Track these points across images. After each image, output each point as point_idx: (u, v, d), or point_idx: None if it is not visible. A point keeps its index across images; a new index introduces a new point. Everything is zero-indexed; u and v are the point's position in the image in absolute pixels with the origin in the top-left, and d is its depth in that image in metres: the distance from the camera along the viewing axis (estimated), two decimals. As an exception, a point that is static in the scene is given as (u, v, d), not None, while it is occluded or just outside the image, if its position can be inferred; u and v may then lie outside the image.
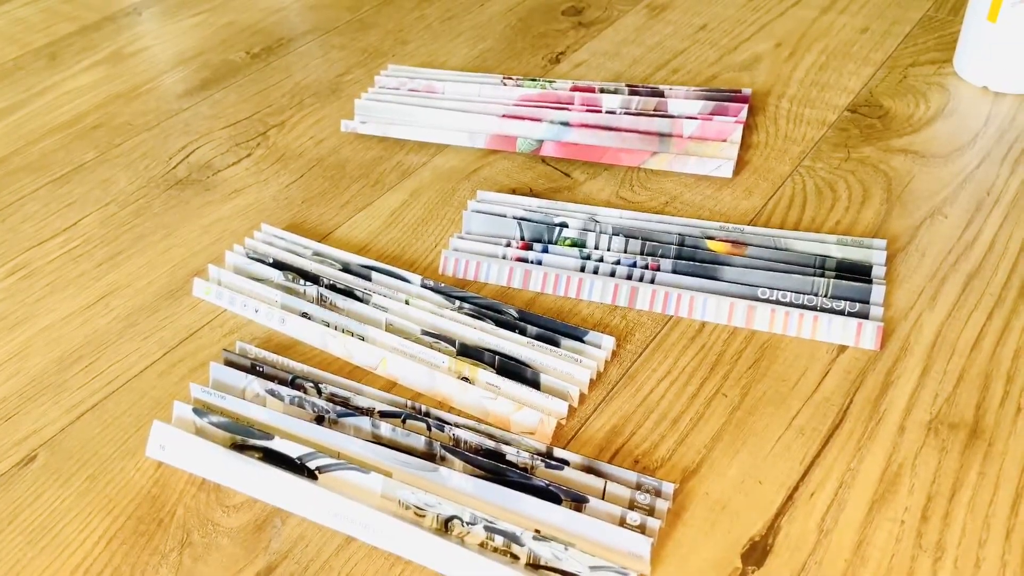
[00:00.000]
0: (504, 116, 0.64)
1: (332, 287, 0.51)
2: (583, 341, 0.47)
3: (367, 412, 0.44)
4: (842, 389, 0.44)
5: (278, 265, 0.52)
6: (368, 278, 0.52)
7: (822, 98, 0.66)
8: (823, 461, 0.41)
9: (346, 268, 0.52)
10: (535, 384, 0.45)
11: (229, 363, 0.47)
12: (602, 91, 0.65)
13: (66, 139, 0.67)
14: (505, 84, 0.67)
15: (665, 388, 0.45)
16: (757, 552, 0.38)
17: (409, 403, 0.44)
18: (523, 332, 0.48)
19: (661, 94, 0.65)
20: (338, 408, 0.43)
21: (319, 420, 0.43)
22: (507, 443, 0.42)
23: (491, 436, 0.42)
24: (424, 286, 0.51)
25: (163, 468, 0.42)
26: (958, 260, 0.51)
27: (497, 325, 0.48)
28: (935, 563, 0.37)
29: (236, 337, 0.49)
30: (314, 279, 0.51)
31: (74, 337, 0.50)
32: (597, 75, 0.71)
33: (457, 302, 0.50)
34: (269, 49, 0.78)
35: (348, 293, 0.50)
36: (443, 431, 0.42)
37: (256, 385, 0.45)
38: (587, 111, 0.64)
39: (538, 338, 0.47)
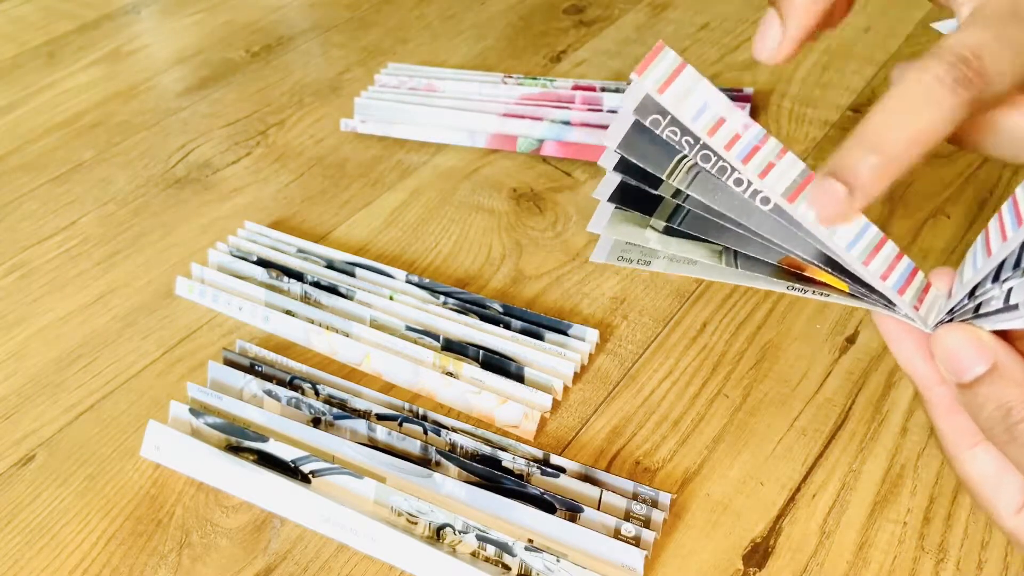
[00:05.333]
0: (504, 115, 0.64)
1: (316, 284, 0.50)
2: (567, 335, 0.47)
3: (364, 415, 0.43)
4: (844, 390, 0.44)
5: (262, 263, 0.52)
6: (352, 274, 0.52)
7: (824, 98, 0.66)
8: (825, 462, 0.41)
9: (330, 265, 0.52)
10: (519, 378, 0.45)
11: (229, 362, 0.47)
12: (603, 90, 0.65)
13: (64, 138, 0.67)
14: (505, 83, 0.67)
15: (667, 389, 0.45)
16: (759, 553, 0.38)
17: (407, 406, 0.44)
18: (508, 326, 0.47)
19: (662, 93, 0.65)
20: (335, 410, 0.43)
21: (315, 422, 0.43)
22: (504, 449, 0.41)
23: (488, 441, 0.42)
24: (409, 281, 0.51)
25: (162, 468, 0.42)
26: (960, 261, 0.51)
27: (482, 320, 0.48)
28: (937, 565, 0.37)
29: (235, 336, 0.49)
30: (298, 276, 0.51)
31: (72, 336, 0.50)
32: (598, 74, 0.71)
33: (442, 297, 0.49)
34: (268, 47, 0.77)
35: (332, 290, 0.50)
36: (440, 435, 0.42)
37: (254, 385, 0.45)
38: (588, 110, 0.63)
39: (522, 332, 0.47)
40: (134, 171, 0.63)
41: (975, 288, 0.26)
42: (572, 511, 0.38)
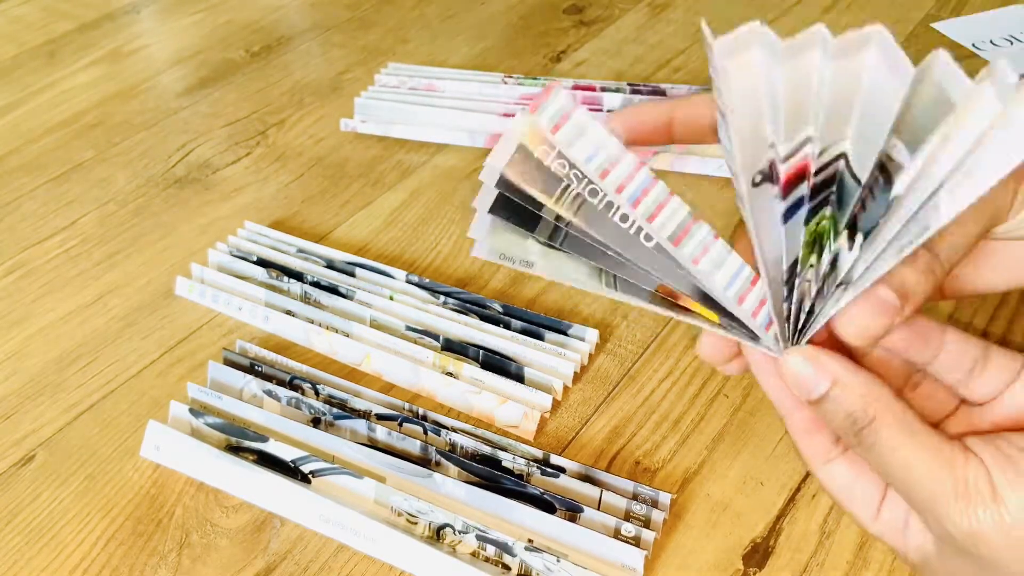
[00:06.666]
0: (505, 115, 0.64)
1: (316, 284, 0.50)
2: (567, 335, 0.47)
3: (364, 415, 0.43)
4: (844, 390, 0.44)
5: (262, 263, 0.52)
6: (352, 274, 0.52)
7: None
8: (825, 462, 0.41)
9: (330, 264, 0.52)
10: (519, 378, 0.45)
11: (229, 362, 0.47)
12: (603, 90, 0.65)
13: (64, 138, 0.67)
14: (506, 83, 0.67)
15: (667, 389, 0.45)
16: (759, 554, 0.38)
17: (407, 406, 0.44)
18: (508, 326, 0.47)
19: (663, 93, 0.65)
20: (335, 410, 0.43)
21: (315, 422, 0.43)
22: (504, 449, 0.41)
23: (488, 441, 0.42)
24: (409, 281, 0.51)
25: (161, 468, 0.42)
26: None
27: (482, 320, 0.48)
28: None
29: (235, 336, 0.49)
30: (298, 276, 0.51)
31: (72, 336, 0.50)
32: (598, 74, 0.71)
33: (442, 297, 0.49)
34: (268, 47, 0.77)
35: (332, 290, 0.50)
36: (440, 435, 0.42)
37: (254, 385, 0.45)
38: (588, 110, 0.63)
39: (522, 332, 0.47)
40: (134, 171, 0.63)
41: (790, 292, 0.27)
42: (572, 511, 0.38)
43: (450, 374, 0.45)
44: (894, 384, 0.30)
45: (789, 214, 0.26)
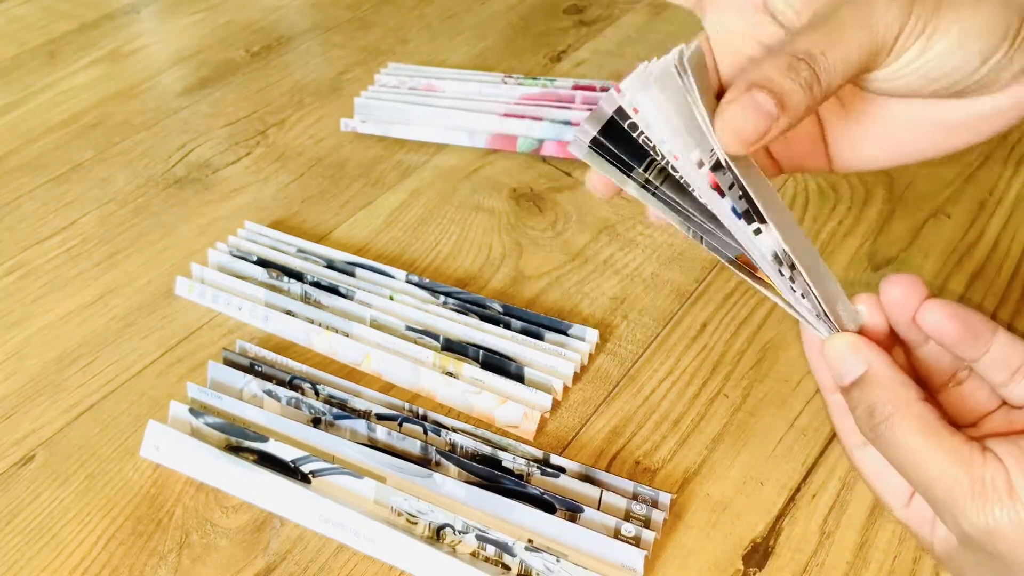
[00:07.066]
0: (505, 115, 0.64)
1: (316, 284, 0.50)
2: (567, 335, 0.47)
3: (364, 415, 0.43)
4: (844, 390, 0.44)
5: (262, 263, 0.52)
6: (352, 274, 0.51)
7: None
8: (825, 462, 0.41)
9: (330, 265, 0.52)
10: (519, 378, 0.45)
11: (229, 362, 0.47)
12: (603, 89, 0.65)
13: (64, 138, 0.67)
14: (506, 83, 0.67)
15: (667, 389, 0.45)
16: (759, 554, 0.38)
17: (407, 406, 0.44)
18: (508, 326, 0.47)
19: (662, 93, 0.65)
20: (335, 410, 0.43)
21: (315, 422, 0.43)
22: (504, 449, 0.41)
23: (488, 441, 0.42)
24: (409, 281, 0.51)
25: (161, 468, 0.42)
26: (961, 260, 0.51)
27: (482, 320, 0.48)
28: (938, 564, 0.37)
29: (236, 336, 0.49)
30: (298, 276, 0.51)
31: (72, 336, 0.50)
32: (598, 74, 0.70)
33: (442, 297, 0.49)
34: (268, 47, 0.77)
35: (332, 290, 0.50)
36: (440, 435, 0.42)
37: (254, 385, 0.45)
38: (588, 110, 0.63)
39: (522, 332, 0.47)
40: (134, 171, 0.63)
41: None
42: (572, 511, 0.38)
43: (450, 374, 0.45)
44: (939, 379, 0.30)
45: (736, 212, 0.27)
